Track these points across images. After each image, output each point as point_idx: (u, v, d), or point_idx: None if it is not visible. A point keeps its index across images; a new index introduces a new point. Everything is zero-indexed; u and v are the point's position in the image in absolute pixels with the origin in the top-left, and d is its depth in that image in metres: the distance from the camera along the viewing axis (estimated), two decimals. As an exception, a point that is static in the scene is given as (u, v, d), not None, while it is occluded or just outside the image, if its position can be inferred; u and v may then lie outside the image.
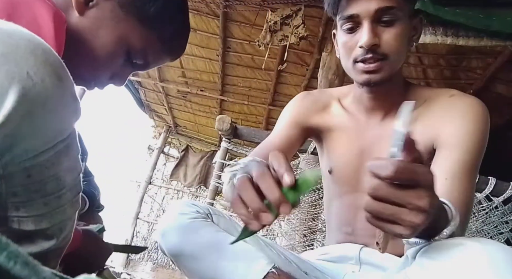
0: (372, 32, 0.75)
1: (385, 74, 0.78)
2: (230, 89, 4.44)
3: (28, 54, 0.40)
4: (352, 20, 0.77)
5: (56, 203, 0.47)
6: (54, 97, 0.42)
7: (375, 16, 0.75)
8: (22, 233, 0.46)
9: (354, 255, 0.88)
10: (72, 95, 0.45)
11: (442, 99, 0.82)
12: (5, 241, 0.20)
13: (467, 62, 3.27)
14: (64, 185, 0.47)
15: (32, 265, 0.21)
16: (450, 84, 3.56)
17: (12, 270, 0.20)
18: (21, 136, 0.40)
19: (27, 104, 0.39)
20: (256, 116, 4.85)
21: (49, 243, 0.48)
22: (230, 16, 3.38)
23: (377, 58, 0.76)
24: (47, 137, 0.43)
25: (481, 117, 0.78)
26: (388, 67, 0.78)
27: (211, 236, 0.80)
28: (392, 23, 0.76)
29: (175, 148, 6.37)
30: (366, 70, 0.78)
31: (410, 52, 3.31)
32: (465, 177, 0.73)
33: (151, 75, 4.55)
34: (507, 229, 1.94)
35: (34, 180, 0.44)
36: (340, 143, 0.92)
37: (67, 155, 0.46)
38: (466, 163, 0.74)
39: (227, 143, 2.01)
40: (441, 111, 0.81)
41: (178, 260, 0.82)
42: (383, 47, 0.76)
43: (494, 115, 3.70)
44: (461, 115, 0.78)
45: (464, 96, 0.83)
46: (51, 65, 0.42)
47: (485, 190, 1.78)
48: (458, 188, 0.72)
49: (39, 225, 0.46)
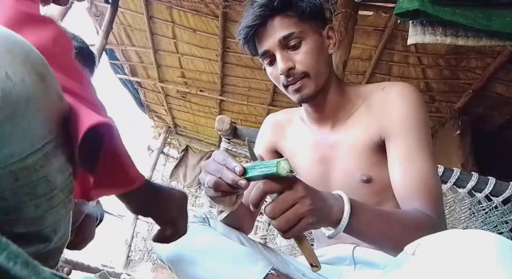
0: (284, 59, 0.83)
1: (312, 88, 0.86)
2: (230, 89, 4.44)
3: (5, 53, 0.38)
4: (268, 55, 0.87)
5: (48, 205, 0.45)
6: (37, 97, 0.40)
7: (282, 45, 0.84)
8: (15, 236, 0.44)
9: (348, 255, 0.88)
10: (57, 94, 0.43)
11: (376, 94, 0.89)
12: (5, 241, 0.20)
13: (466, 62, 3.27)
14: (55, 186, 0.45)
15: (32, 265, 0.21)
16: (450, 84, 3.56)
17: (12, 270, 0.20)
18: (5, 140, 0.38)
19: (9, 107, 0.37)
20: (256, 116, 4.85)
21: (44, 245, 0.47)
22: (229, 17, 3.38)
23: (298, 78, 0.84)
24: (33, 139, 0.41)
25: (413, 98, 0.84)
26: (312, 81, 0.85)
27: (209, 240, 0.81)
28: (299, 44, 0.84)
29: (174, 148, 6.36)
30: (294, 90, 0.86)
31: (409, 52, 3.32)
32: (418, 157, 0.78)
33: (151, 75, 4.55)
34: (507, 229, 1.94)
35: (23, 183, 0.42)
36: (303, 155, 0.97)
37: (56, 155, 0.44)
38: (414, 145, 0.79)
39: (227, 143, 2.01)
40: (378, 105, 0.87)
41: (176, 265, 0.82)
42: (298, 68, 0.84)
43: (493, 115, 3.70)
44: (396, 103, 0.84)
45: (394, 85, 0.88)
46: (31, 63, 0.40)
47: (485, 190, 1.78)
48: (412, 170, 0.77)
49: (31, 228, 0.45)
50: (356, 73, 3.70)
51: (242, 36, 0.87)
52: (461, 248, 0.44)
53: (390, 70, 3.60)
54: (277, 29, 0.84)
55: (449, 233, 0.48)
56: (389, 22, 3.02)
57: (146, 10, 3.51)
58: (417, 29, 1.51)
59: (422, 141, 0.80)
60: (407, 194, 0.77)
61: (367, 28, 3.16)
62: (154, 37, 3.86)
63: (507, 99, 3.38)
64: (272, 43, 0.84)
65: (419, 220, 0.71)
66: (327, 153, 0.93)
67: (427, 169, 0.77)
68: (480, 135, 3.56)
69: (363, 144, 0.87)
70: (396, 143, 0.81)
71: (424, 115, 0.83)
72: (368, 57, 3.51)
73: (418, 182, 0.76)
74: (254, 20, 0.84)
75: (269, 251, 0.91)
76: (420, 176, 0.77)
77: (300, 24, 0.84)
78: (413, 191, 0.76)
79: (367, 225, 0.66)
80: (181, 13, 3.49)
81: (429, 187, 0.76)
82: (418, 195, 0.75)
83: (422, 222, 0.71)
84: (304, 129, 0.99)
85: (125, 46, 4.13)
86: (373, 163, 0.86)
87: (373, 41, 3.32)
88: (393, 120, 0.82)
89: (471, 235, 0.46)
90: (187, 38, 3.79)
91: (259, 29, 0.85)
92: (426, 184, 0.76)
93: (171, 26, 3.66)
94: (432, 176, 0.78)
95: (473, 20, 1.41)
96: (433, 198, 0.76)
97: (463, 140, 3.49)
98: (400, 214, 0.74)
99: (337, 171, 0.91)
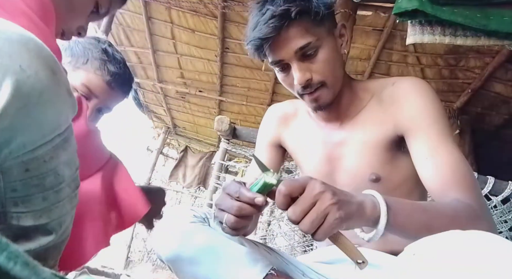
0: (301, 70, 0.80)
1: (329, 97, 0.84)
2: (229, 89, 4.44)
3: (21, 48, 0.40)
4: (281, 64, 0.82)
5: (55, 198, 0.47)
6: (49, 90, 0.41)
7: (298, 55, 0.80)
8: (21, 229, 0.45)
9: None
10: (67, 90, 0.45)
11: (387, 90, 0.86)
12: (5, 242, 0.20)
13: (465, 62, 3.27)
14: (63, 179, 0.47)
15: (32, 266, 0.21)
16: (448, 84, 3.57)
17: (12, 270, 0.20)
18: (18, 130, 0.40)
19: (22, 97, 0.39)
20: (255, 116, 4.85)
21: (47, 239, 0.48)
22: (228, 17, 3.38)
23: (316, 87, 0.81)
24: (44, 130, 0.43)
25: (427, 91, 0.82)
26: (330, 89, 0.83)
27: (209, 239, 0.80)
28: (316, 52, 0.80)
29: (174, 149, 6.36)
30: (312, 99, 0.83)
31: (408, 52, 3.32)
32: (445, 149, 0.76)
33: (150, 76, 4.55)
34: (506, 228, 1.95)
35: (33, 174, 0.43)
36: (309, 151, 0.95)
37: (65, 149, 0.46)
38: (438, 137, 0.77)
39: (226, 143, 2.01)
40: (390, 100, 0.85)
41: (176, 265, 0.81)
42: (316, 78, 0.81)
43: (492, 114, 3.71)
44: (411, 98, 0.82)
45: (404, 79, 0.86)
46: (43, 58, 0.42)
47: (484, 189, 1.78)
48: (442, 162, 0.74)
49: (38, 220, 0.46)
50: (355, 73, 3.71)
51: (253, 47, 0.81)
52: (462, 248, 0.44)
53: (389, 70, 3.61)
54: (293, 40, 0.78)
55: (450, 233, 0.48)
56: (388, 22, 3.03)
57: (145, 11, 3.51)
58: (416, 29, 1.51)
59: (445, 131, 0.78)
60: (442, 186, 0.74)
61: (366, 28, 3.16)
62: (153, 37, 3.86)
63: (506, 98, 3.39)
64: (288, 54, 0.79)
65: (460, 209, 0.68)
66: (334, 151, 0.90)
67: (457, 158, 0.75)
68: (479, 134, 3.57)
69: (374, 141, 0.85)
70: (419, 138, 0.79)
71: (440, 106, 0.81)
72: (367, 57, 3.51)
73: (451, 172, 0.73)
74: (270, 32, 0.77)
75: (269, 251, 0.90)
76: (452, 166, 0.74)
77: (315, 30, 0.80)
78: (448, 182, 0.73)
79: (408, 219, 0.62)
80: (180, 14, 3.50)
81: (464, 176, 0.73)
82: (454, 185, 0.72)
83: (465, 211, 0.67)
84: (311, 124, 0.96)
85: (124, 47, 4.12)
86: (382, 161, 0.85)
87: (372, 41, 3.32)
88: (411, 116, 0.80)
89: (471, 235, 0.46)
90: (186, 38, 3.79)
91: (272, 38, 0.78)
92: (460, 173, 0.73)
93: (170, 26, 3.67)
94: (464, 164, 0.75)
95: (472, 19, 1.41)
96: (470, 186, 0.72)
97: (462, 139, 3.49)
98: (439, 205, 0.70)
99: (344, 170, 0.89)
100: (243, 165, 3.23)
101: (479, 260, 0.42)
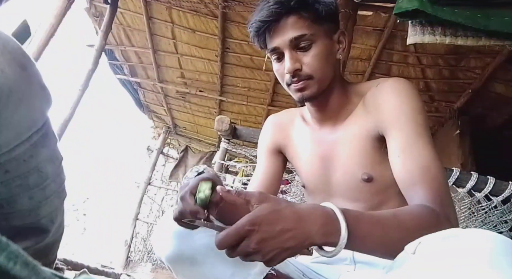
0: (292, 59, 0.84)
1: (314, 90, 0.87)
2: (229, 89, 4.44)
3: None
4: (276, 51, 0.87)
5: (42, 196, 0.45)
6: (18, 88, 0.39)
7: (292, 45, 0.84)
8: (12, 229, 0.44)
9: (348, 255, 0.88)
10: (39, 83, 0.42)
11: (372, 91, 0.89)
12: (5, 241, 0.20)
13: (465, 62, 3.27)
14: (47, 176, 0.45)
15: (32, 265, 0.21)
16: (449, 84, 3.57)
17: (12, 270, 0.20)
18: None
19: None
20: (255, 116, 4.85)
21: (43, 236, 0.47)
22: (229, 17, 3.38)
23: (302, 79, 0.85)
24: (18, 130, 0.40)
25: (405, 90, 0.84)
26: (315, 84, 0.86)
27: (209, 239, 0.80)
28: (310, 47, 0.85)
29: (174, 149, 6.36)
30: (296, 89, 0.87)
31: (409, 52, 3.32)
32: (416, 145, 0.77)
33: (150, 76, 4.55)
34: (506, 228, 1.94)
35: (13, 175, 0.41)
36: (304, 155, 0.98)
37: (44, 145, 0.44)
38: (411, 134, 0.78)
39: (226, 143, 2.01)
40: (373, 100, 0.87)
41: (176, 266, 0.81)
42: (305, 70, 0.85)
43: (492, 114, 3.70)
44: (389, 97, 0.84)
45: (387, 80, 0.88)
46: (9, 53, 0.39)
47: (484, 190, 1.78)
48: (411, 159, 0.76)
49: (27, 219, 0.45)
50: (355, 73, 3.71)
51: (254, 29, 0.87)
52: (462, 247, 0.44)
53: (389, 70, 3.60)
54: (290, 29, 0.84)
55: (450, 232, 0.48)
56: (389, 22, 3.03)
57: (145, 11, 3.51)
58: (416, 29, 1.51)
59: (419, 129, 0.79)
60: (409, 183, 0.74)
61: (367, 28, 3.16)
62: (153, 37, 3.86)
63: (507, 99, 3.38)
64: (283, 41, 0.84)
65: (421, 218, 0.66)
66: (327, 152, 0.93)
67: (427, 156, 0.75)
68: (479, 135, 3.56)
69: (362, 142, 0.87)
70: (393, 135, 0.80)
71: (417, 104, 0.82)
72: (367, 57, 3.51)
73: (418, 168, 0.74)
74: (269, 16, 0.83)
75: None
76: (420, 162, 0.74)
77: (313, 26, 0.84)
78: (414, 178, 0.73)
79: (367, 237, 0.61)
80: (180, 14, 3.50)
81: (430, 172, 0.73)
82: (420, 181, 0.72)
83: (425, 221, 0.66)
84: (306, 129, 1.00)
85: (125, 47, 4.13)
86: (373, 161, 0.86)
87: (372, 41, 3.32)
88: (388, 114, 0.82)
89: (472, 234, 0.46)
90: (187, 38, 3.79)
91: (272, 25, 0.85)
92: (427, 169, 0.73)
93: (170, 26, 3.67)
94: (432, 162, 0.75)
95: (472, 20, 1.41)
96: (436, 183, 0.72)
97: (462, 139, 3.49)
98: (401, 216, 0.67)
99: (337, 170, 0.91)
100: (243, 165, 3.22)
101: (479, 260, 0.42)
